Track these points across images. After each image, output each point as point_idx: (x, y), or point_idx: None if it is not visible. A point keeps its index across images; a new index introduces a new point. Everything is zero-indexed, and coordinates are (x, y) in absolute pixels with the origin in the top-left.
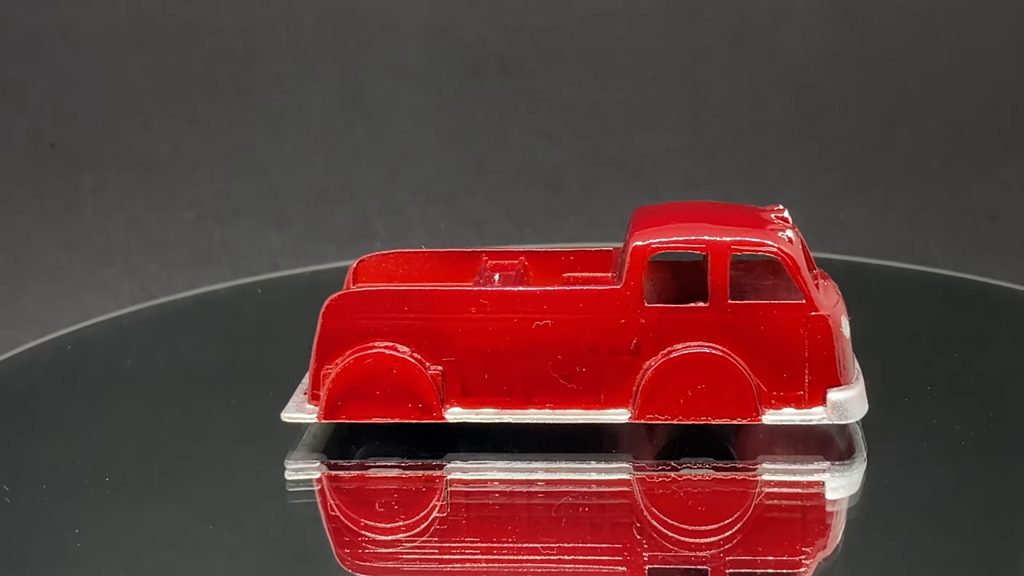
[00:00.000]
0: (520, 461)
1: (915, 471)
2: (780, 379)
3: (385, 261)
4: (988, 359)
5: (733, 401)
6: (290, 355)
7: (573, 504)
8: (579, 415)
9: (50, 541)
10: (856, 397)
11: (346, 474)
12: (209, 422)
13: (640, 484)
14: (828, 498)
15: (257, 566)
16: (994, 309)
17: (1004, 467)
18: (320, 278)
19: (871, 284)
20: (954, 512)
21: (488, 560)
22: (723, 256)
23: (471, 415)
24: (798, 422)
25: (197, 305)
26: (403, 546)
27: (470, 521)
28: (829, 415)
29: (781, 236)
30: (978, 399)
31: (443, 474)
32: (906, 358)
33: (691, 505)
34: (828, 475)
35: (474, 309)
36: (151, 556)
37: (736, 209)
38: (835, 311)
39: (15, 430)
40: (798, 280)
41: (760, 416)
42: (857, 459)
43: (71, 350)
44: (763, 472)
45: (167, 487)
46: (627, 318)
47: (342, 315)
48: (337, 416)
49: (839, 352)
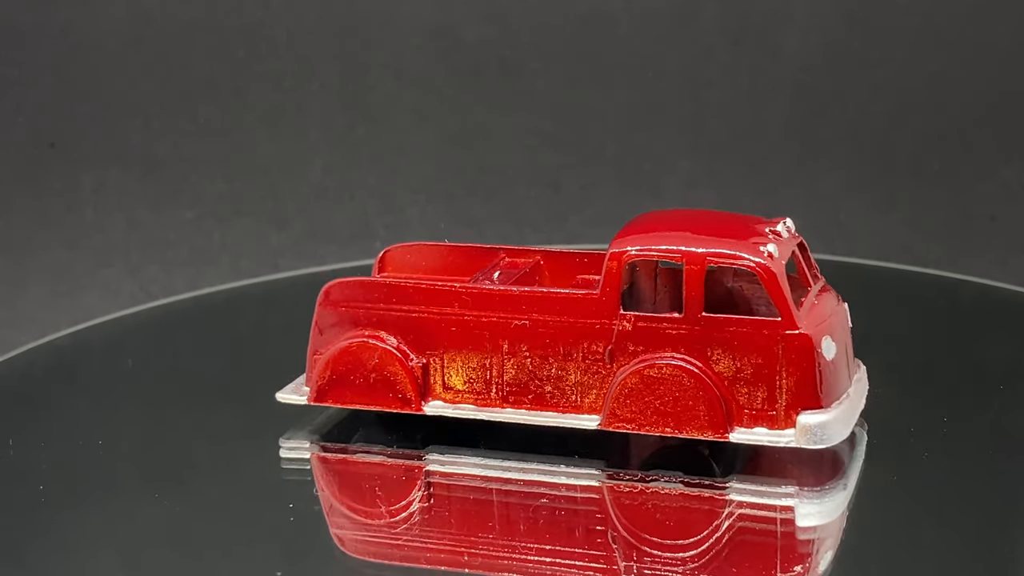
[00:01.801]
0: (495, 459)
1: (912, 475)
2: (753, 396)
3: (409, 252)
4: (987, 361)
5: (700, 416)
6: (290, 355)
7: (549, 507)
8: (552, 418)
9: (50, 541)
10: (832, 421)
11: (333, 456)
12: (209, 422)
13: (609, 492)
14: (799, 524)
15: (256, 562)
16: (993, 311)
17: (1004, 469)
18: (320, 279)
19: (870, 285)
20: (951, 519)
21: (456, 552)
22: (698, 267)
23: (449, 410)
24: (766, 443)
25: (197, 305)
26: (378, 531)
27: (443, 514)
28: (798, 439)
29: (762, 250)
30: (977, 400)
31: (422, 464)
32: (904, 359)
33: (659, 519)
34: (797, 500)
35: (457, 306)
36: (151, 555)
37: (733, 220)
38: (819, 329)
39: (15, 430)
40: (775, 296)
41: (727, 434)
42: (836, 486)
43: (71, 350)
44: (732, 492)
45: (167, 487)
46: (602, 324)
47: (336, 302)
48: (325, 400)
49: (816, 373)
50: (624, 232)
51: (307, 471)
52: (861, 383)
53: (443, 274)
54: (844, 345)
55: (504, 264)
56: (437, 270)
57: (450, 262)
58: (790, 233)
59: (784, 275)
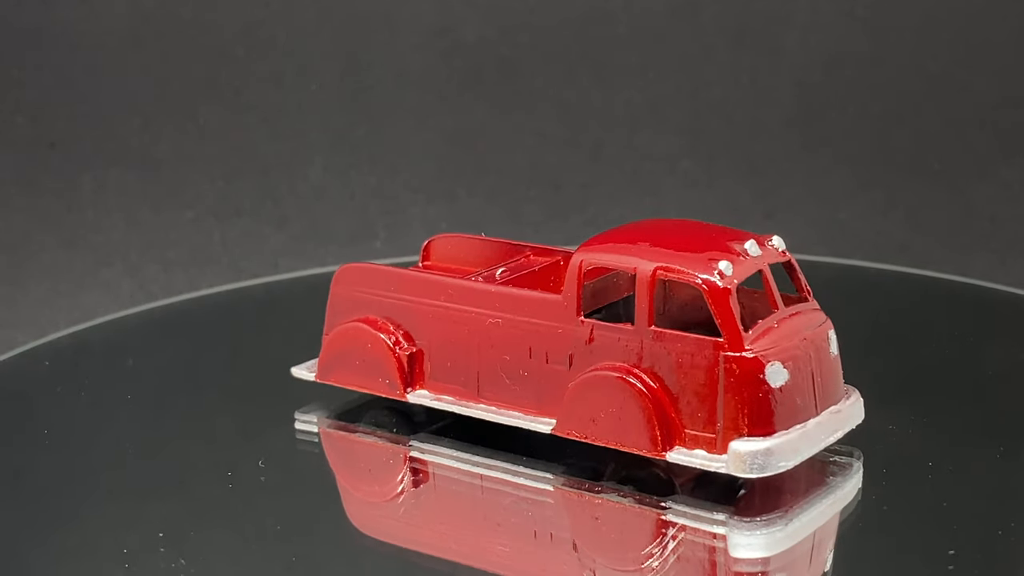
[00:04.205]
0: (468, 452)
1: (910, 479)
2: (695, 417)
3: (450, 242)
4: (986, 363)
5: (639, 432)
6: (290, 355)
7: (515, 507)
8: (516, 418)
9: (50, 541)
10: (770, 451)
11: (336, 433)
12: (209, 422)
13: (561, 497)
14: (731, 555)
15: (256, 562)
16: (992, 312)
17: (1004, 472)
18: (320, 279)
19: (869, 286)
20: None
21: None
22: (649, 279)
23: (428, 399)
24: (698, 466)
25: (197, 305)
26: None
27: (411, 501)
28: (731, 465)
29: (713, 266)
30: (978, 401)
31: (406, 450)
32: (904, 360)
33: (604, 532)
34: (727, 529)
35: (443, 298)
36: (151, 556)
37: (707, 234)
38: (767, 354)
39: (15, 430)
40: (719, 315)
41: (664, 453)
42: (776, 518)
43: (71, 350)
44: (671, 513)
45: (167, 487)
46: (564, 329)
47: (346, 285)
48: (328, 379)
49: (757, 399)
50: (591, 240)
51: (306, 467)
52: (840, 414)
53: (474, 266)
54: (808, 373)
55: (520, 262)
56: (470, 262)
57: (482, 255)
58: (767, 251)
59: (733, 295)
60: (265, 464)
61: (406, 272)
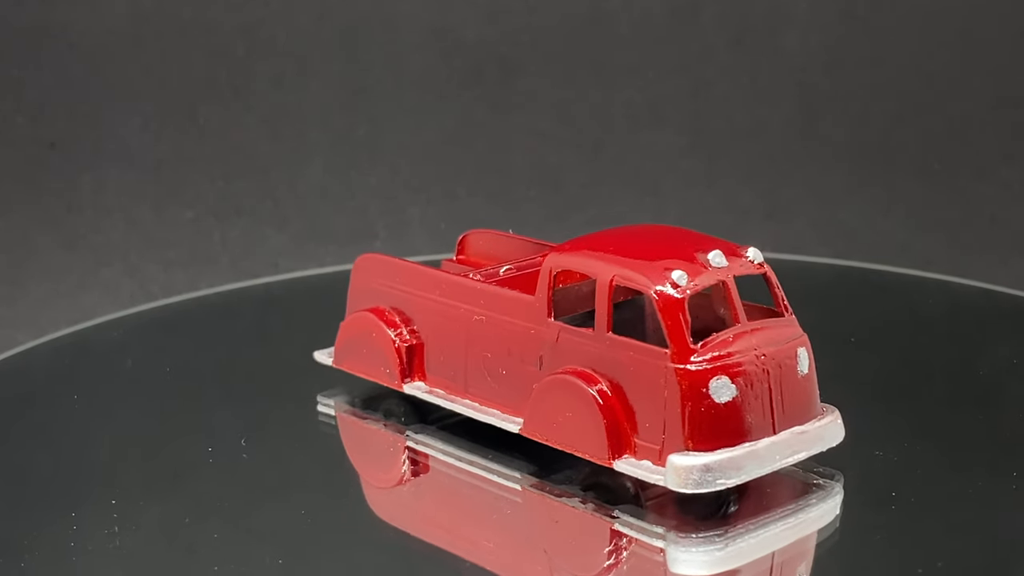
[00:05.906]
0: (451, 445)
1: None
2: (644, 427)
3: (482, 238)
4: (986, 364)
5: (589, 438)
6: (290, 355)
7: (495, 503)
8: (493, 415)
9: (50, 541)
10: (708, 467)
11: (351, 418)
12: (208, 422)
13: (523, 497)
14: (671, 569)
15: (256, 563)
16: (992, 314)
17: (1004, 474)
18: (320, 279)
19: (869, 286)
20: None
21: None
22: (607, 286)
23: (421, 391)
24: (642, 477)
25: (197, 305)
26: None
27: (418, 486)
28: (668, 479)
29: (668, 276)
30: (977, 402)
31: (404, 439)
32: (903, 361)
33: (560, 535)
34: (668, 544)
35: (438, 293)
36: (151, 556)
37: (677, 243)
38: (714, 368)
39: (15, 430)
40: (666, 325)
41: (611, 461)
42: (722, 537)
43: (71, 350)
44: (619, 523)
45: (167, 487)
46: (536, 330)
47: (363, 275)
48: (341, 365)
49: (698, 413)
50: (566, 244)
51: (305, 465)
52: (806, 434)
53: (501, 262)
54: (764, 390)
55: (532, 260)
56: (498, 258)
57: (508, 252)
58: (736, 263)
59: (683, 306)
60: (247, 443)
61: (410, 265)
